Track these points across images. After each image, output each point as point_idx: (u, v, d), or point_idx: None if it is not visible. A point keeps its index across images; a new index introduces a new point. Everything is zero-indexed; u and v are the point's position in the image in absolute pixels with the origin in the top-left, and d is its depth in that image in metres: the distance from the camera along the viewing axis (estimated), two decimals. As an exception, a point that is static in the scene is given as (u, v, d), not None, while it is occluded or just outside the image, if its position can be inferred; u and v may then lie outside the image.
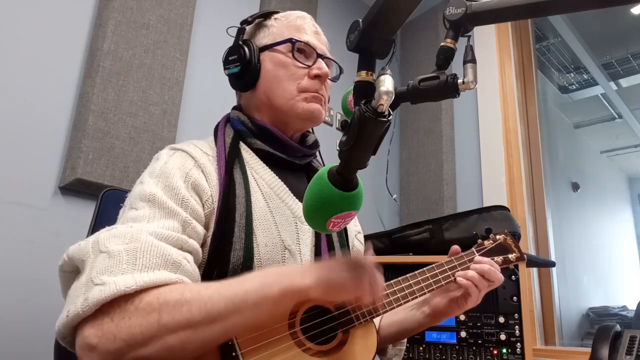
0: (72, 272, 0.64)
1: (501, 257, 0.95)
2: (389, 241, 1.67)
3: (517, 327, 1.31)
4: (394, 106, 0.57)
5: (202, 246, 0.73)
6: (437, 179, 2.24)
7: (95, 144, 1.32)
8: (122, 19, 1.44)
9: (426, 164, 2.31)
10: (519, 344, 1.29)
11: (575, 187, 3.28)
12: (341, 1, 2.45)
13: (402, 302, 0.82)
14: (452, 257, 0.91)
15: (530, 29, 2.38)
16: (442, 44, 0.61)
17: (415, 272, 0.86)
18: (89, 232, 0.96)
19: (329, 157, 0.93)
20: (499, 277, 0.86)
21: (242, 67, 0.88)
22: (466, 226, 1.55)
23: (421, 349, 1.38)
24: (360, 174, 0.59)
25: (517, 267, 1.33)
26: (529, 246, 2.02)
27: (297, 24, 0.92)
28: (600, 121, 3.93)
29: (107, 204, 0.99)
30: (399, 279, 0.84)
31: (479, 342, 1.33)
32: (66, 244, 0.65)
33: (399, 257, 1.54)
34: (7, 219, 1.21)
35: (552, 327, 2.00)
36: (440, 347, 1.36)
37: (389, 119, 0.53)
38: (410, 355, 1.38)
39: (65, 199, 1.33)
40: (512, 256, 0.96)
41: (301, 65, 0.88)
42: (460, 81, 0.58)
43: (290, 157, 0.89)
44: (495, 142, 2.15)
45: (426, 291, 0.85)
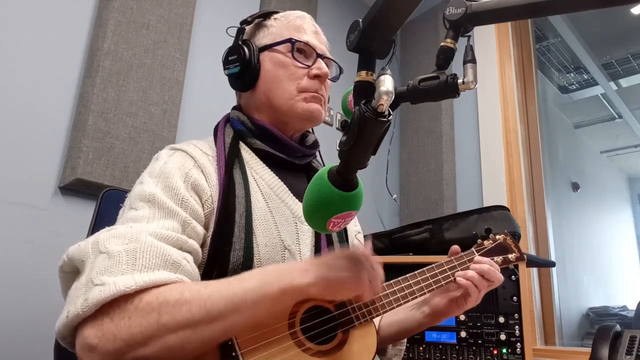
0: (72, 272, 0.63)
1: (501, 257, 0.95)
2: (389, 241, 1.67)
3: (517, 327, 1.31)
4: (394, 106, 0.57)
5: (202, 246, 0.73)
6: (437, 179, 2.23)
7: (95, 144, 1.32)
8: (122, 19, 1.44)
9: (426, 164, 2.31)
10: (519, 344, 1.29)
11: (575, 187, 3.28)
12: (341, 1, 2.45)
13: (402, 302, 0.82)
14: (452, 257, 0.91)
15: (530, 29, 2.38)
16: (442, 44, 0.61)
17: (415, 272, 0.87)
18: (89, 232, 0.96)
19: (329, 157, 0.93)
20: (499, 277, 0.86)
21: (241, 67, 0.88)
22: (466, 226, 1.55)
23: (421, 349, 1.38)
24: (360, 174, 0.59)
25: (517, 267, 1.33)
26: (529, 246, 2.02)
27: (297, 23, 0.92)
28: (600, 121, 3.92)
29: (107, 204, 0.99)
30: (399, 279, 0.84)
31: (479, 342, 1.33)
32: (66, 244, 0.65)
33: (399, 257, 1.54)
34: (7, 219, 1.21)
35: (552, 327, 2.00)
36: (440, 347, 1.36)
37: (389, 119, 0.53)
38: (410, 355, 1.38)
39: (65, 199, 1.33)
40: (512, 256, 0.96)
41: (301, 65, 0.88)
42: (460, 81, 0.58)
43: (290, 157, 0.89)
44: (495, 142, 2.15)
45: (426, 291, 0.85)
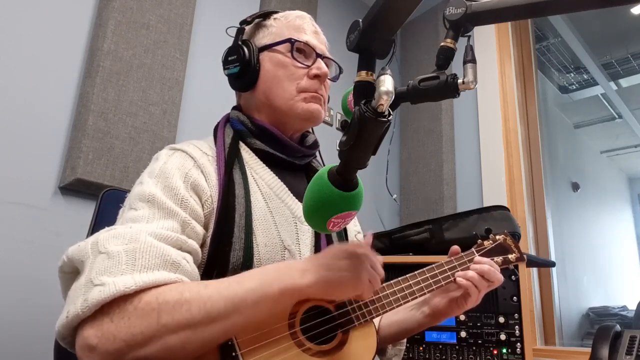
0: (71, 272, 0.63)
1: (501, 258, 0.95)
2: (389, 241, 1.67)
3: (517, 327, 1.30)
4: (394, 106, 0.57)
5: (202, 246, 0.73)
6: (437, 179, 2.23)
7: (95, 144, 1.32)
8: (122, 19, 1.44)
9: (426, 164, 2.31)
10: (519, 344, 1.29)
11: (575, 187, 3.28)
12: (341, 1, 2.45)
13: (402, 302, 0.82)
14: (452, 258, 0.91)
15: (530, 29, 2.38)
16: (442, 44, 0.61)
17: (415, 272, 0.86)
18: (89, 232, 0.96)
19: (329, 157, 0.93)
20: (499, 278, 0.86)
21: (241, 67, 0.88)
22: (466, 226, 1.55)
23: (421, 349, 1.38)
24: (360, 174, 0.59)
25: (517, 267, 1.33)
26: (529, 246, 2.02)
27: (297, 23, 0.92)
28: (600, 121, 3.92)
29: (107, 204, 0.99)
30: (399, 279, 0.84)
31: (479, 342, 1.33)
32: (66, 244, 0.65)
33: (399, 257, 1.54)
34: (7, 219, 1.21)
35: (552, 327, 2.00)
36: (440, 347, 1.36)
37: (389, 119, 0.53)
38: (410, 355, 1.37)
39: (65, 199, 1.33)
40: (512, 256, 0.96)
41: (300, 65, 0.88)
42: (460, 81, 0.58)
43: (289, 157, 0.89)
44: (495, 142, 2.15)
45: (426, 291, 0.85)
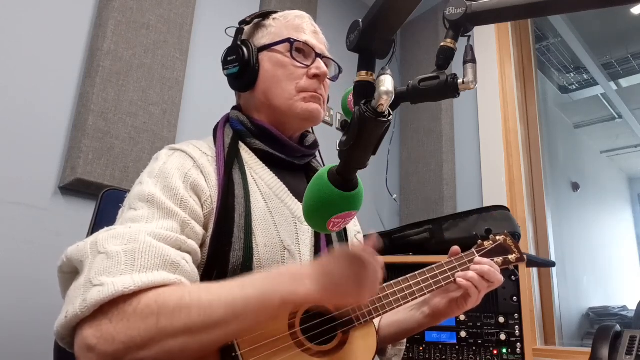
0: (71, 273, 0.63)
1: (501, 258, 0.95)
2: (389, 241, 1.67)
3: (517, 327, 1.30)
4: (394, 106, 0.57)
5: (201, 247, 0.73)
6: (437, 179, 2.23)
7: (95, 144, 1.32)
8: (122, 19, 1.44)
9: (426, 164, 2.31)
10: (519, 344, 1.29)
11: (575, 187, 3.28)
12: (341, 1, 2.45)
13: (402, 302, 0.82)
14: (452, 258, 0.91)
15: (530, 29, 2.38)
16: (442, 44, 0.61)
17: (415, 272, 0.87)
18: (88, 232, 0.96)
19: (329, 157, 0.93)
20: (499, 278, 0.86)
21: (240, 67, 0.88)
22: (466, 226, 1.55)
23: (421, 349, 1.37)
24: (360, 174, 0.59)
25: (517, 268, 1.33)
26: (529, 246, 2.02)
27: (296, 23, 0.92)
28: (600, 121, 3.92)
29: (107, 204, 0.99)
30: (399, 279, 0.84)
31: (479, 342, 1.33)
32: (66, 244, 0.65)
33: (399, 257, 1.54)
34: (7, 219, 1.21)
35: (552, 327, 2.00)
36: (440, 347, 1.36)
37: (389, 119, 0.53)
38: (410, 355, 1.37)
39: (65, 199, 1.33)
40: (512, 257, 0.96)
41: (300, 65, 0.88)
42: (460, 81, 0.58)
43: (289, 158, 0.89)
44: (495, 142, 2.15)
45: (426, 292, 0.85)
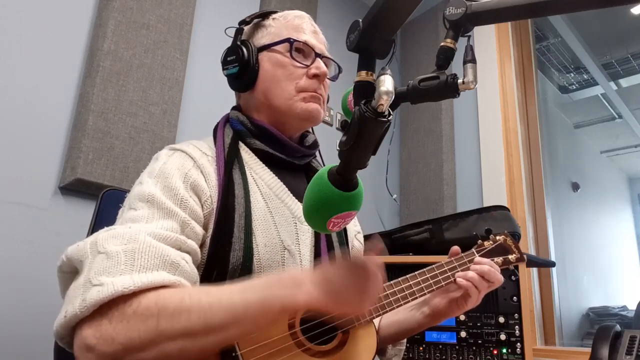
0: (70, 272, 0.63)
1: (501, 258, 0.95)
2: (389, 241, 1.67)
3: (517, 327, 1.30)
4: (394, 106, 0.57)
5: (201, 247, 0.73)
6: (437, 179, 2.23)
7: (95, 144, 1.32)
8: (122, 19, 1.44)
9: (426, 164, 2.31)
10: (519, 344, 1.29)
11: (575, 187, 3.28)
12: (341, 1, 2.45)
13: (402, 302, 0.82)
14: (452, 258, 0.91)
15: (530, 29, 2.38)
16: (442, 44, 0.61)
17: (415, 272, 0.86)
18: (88, 232, 0.96)
19: (329, 157, 0.93)
20: (499, 278, 0.86)
21: (240, 67, 0.88)
22: (466, 226, 1.55)
23: (421, 349, 1.37)
24: (360, 174, 0.59)
25: (517, 268, 1.33)
26: (529, 246, 2.02)
27: (295, 23, 0.92)
28: (600, 121, 3.92)
29: (107, 204, 0.99)
30: (399, 279, 0.84)
31: (479, 342, 1.33)
32: (66, 244, 0.65)
33: (399, 257, 1.54)
34: (7, 219, 1.21)
35: (552, 327, 2.00)
36: (440, 347, 1.36)
37: (389, 119, 0.53)
38: (410, 355, 1.37)
39: (65, 199, 1.33)
40: (512, 257, 0.96)
41: (299, 64, 0.88)
42: (460, 81, 0.58)
43: (289, 157, 0.89)
44: (495, 142, 2.15)
45: (426, 292, 0.85)
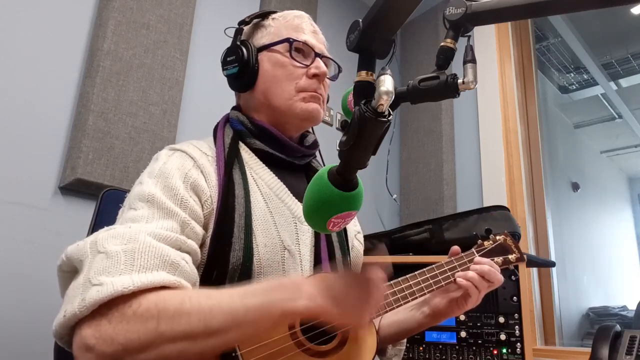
0: (70, 272, 0.63)
1: (501, 258, 0.95)
2: (389, 241, 1.67)
3: (517, 327, 1.30)
4: (394, 106, 0.57)
5: (201, 247, 0.73)
6: (437, 179, 2.23)
7: (95, 144, 1.32)
8: (122, 19, 1.44)
9: (426, 164, 2.31)
10: (519, 344, 1.29)
11: (575, 187, 3.28)
12: (341, 1, 2.45)
13: (402, 302, 0.82)
14: (452, 258, 0.91)
15: (530, 29, 2.38)
16: (442, 44, 0.61)
17: (415, 272, 0.86)
18: (88, 232, 0.96)
19: (329, 157, 0.93)
20: (499, 278, 0.86)
21: (240, 67, 0.88)
22: (466, 226, 1.55)
23: (421, 349, 1.37)
24: (360, 174, 0.59)
25: (517, 267, 1.33)
26: (529, 246, 2.02)
27: (295, 23, 0.92)
28: (600, 121, 3.92)
29: (107, 204, 0.99)
30: (399, 279, 0.84)
31: (479, 342, 1.33)
32: (66, 244, 0.65)
33: (399, 257, 1.54)
34: (7, 219, 1.21)
35: (552, 327, 2.00)
36: (440, 347, 1.36)
37: (389, 119, 0.53)
38: (410, 355, 1.37)
39: (65, 199, 1.33)
40: (512, 257, 0.96)
41: (299, 64, 0.88)
42: (460, 81, 0.58)
43: (289, 157, 0.89)
44: (495, 142, 2.15)
45: (426, 292, 0.85)
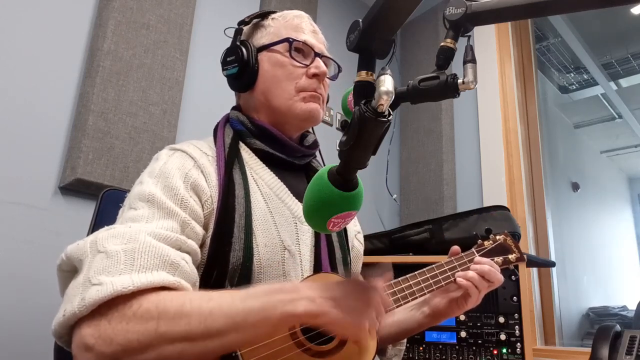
0: (70, 271, 0.63)
1: (501, 258, 0.95)
2: (389, 241, 1.67)
3: (517, 327, 1.30)
4: (394, 106, 0.57)
5: (201, 247, 0.73)
6: (437, 179, 2.23)
7: (95, 144, 1.32)
8: (122, 19, 1.44)
9: (426, 164, 2.31)
10: (519, 344, 1.29)
11: (575, 187, 3.28)
12: (341, 1, 2.45)
13: (402, 302, 0.82)
14: (452, 258, 0.91)
15: (530, 29, 2.38)
16: (442, 44, 0.61)
17: (415, 272, 0.86)
18: (88, 232, 0.96)
19: (329, 157, 0.93)
20: (499, 278, 0.86)
21: (240, 67, 0.88)
22: (466, 226, 1.55)
23: (421, 349, 1.37)
24: (360, 174, 0.59)
25: (517, 267, 1.33)
26: (529, 246, 2.02)
27: (295, 23, 0.92)
28: (600, 121, 3.92)
29: (107, 204, 0.99)
30: (399, 279, 0.84)
31: (479, 342, 1.33)
32: (66, 244, 0.65)
33: (399, 257, 1.54)
34: (7, 219, 1.21)
35: (552, 327, 2.00)
36: (440, 347, 1.36)
37: (389, 119, 0.53)
38: (410, 355, 1.37)
39: (65, 199, 1.33)
40: (512, 257, 0.96)
41: (299, 64, 0.88)
42: (460, 81, 0.58)
43: (289, 157, 0.89)
44: (495, 142, 2.15)
45: (426, 292, 0.85)
